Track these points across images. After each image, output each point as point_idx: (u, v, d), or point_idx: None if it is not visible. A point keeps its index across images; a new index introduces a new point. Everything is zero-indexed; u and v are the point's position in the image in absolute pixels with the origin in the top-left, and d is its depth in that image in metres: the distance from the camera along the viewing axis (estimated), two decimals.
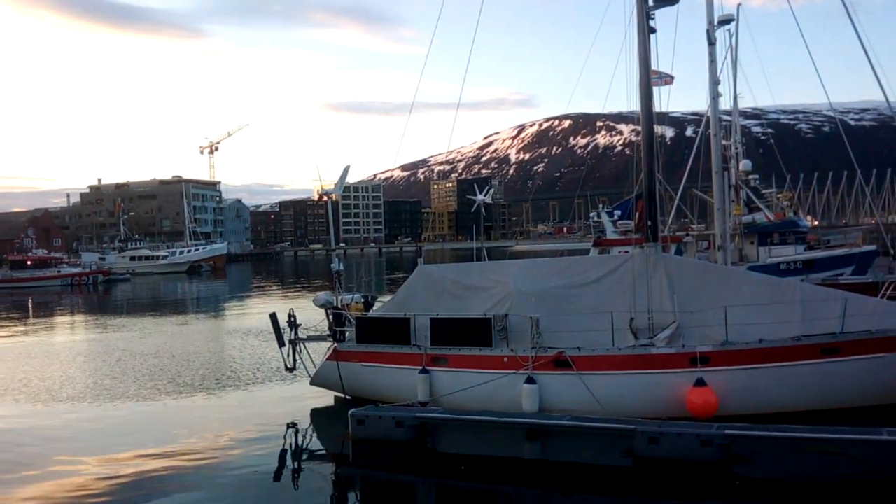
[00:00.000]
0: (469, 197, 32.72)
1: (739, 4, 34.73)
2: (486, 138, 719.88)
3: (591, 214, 41.44)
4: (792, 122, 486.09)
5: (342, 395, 17.94)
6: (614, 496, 11.99)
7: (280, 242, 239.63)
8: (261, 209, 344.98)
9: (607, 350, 14.72)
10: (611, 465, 12.83)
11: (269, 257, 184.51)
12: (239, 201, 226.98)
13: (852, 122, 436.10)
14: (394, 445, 13.87)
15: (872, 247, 39.74)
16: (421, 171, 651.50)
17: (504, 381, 14.89)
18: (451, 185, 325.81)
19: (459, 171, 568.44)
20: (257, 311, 43.94)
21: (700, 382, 13.68)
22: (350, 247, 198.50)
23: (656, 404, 14.07)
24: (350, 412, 14.50)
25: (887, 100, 16.78)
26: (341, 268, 19.43)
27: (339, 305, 18.12)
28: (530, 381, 14.57)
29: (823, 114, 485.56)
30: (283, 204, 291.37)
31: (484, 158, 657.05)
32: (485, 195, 26.51)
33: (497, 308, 16.35)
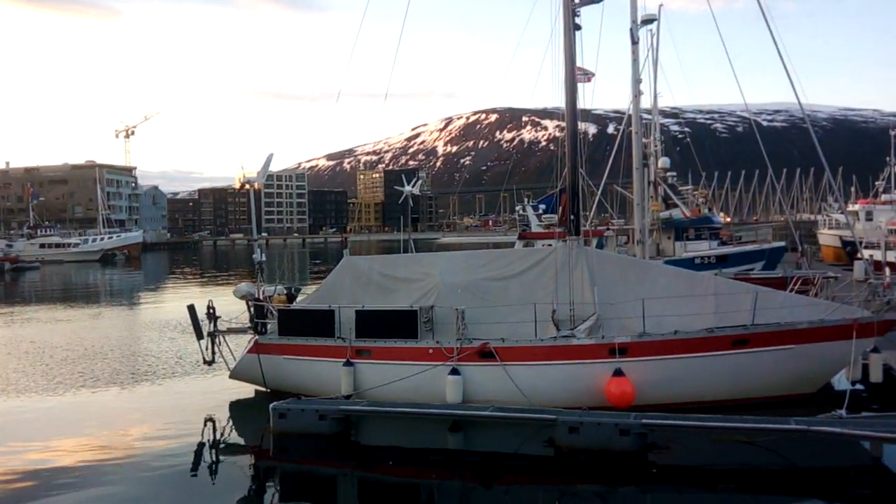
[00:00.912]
0: (397, 188, 32.67)
1: (661, 5, 35.70)
2: (413, 129, 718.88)
3: (517, 208, 41.97)
4: (708, 121, 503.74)
5: (263, 389, 17.61)
6: (536, 485, 12.20)
7: (199, 231, 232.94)
8: (179, 196, 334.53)
9: (530, 341, 14.94)
10: (533, 455, 13.08)
11: (188, 246, 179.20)
12: (156, 188, 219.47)
13: (765, 123, 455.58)
14: (317, 439, 13.75)
15: (782, 243, 41.68)
16: (347, 160, 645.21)
17: (429, 373, 14.93)
18: (378, 175, 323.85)
19: (387, 161, 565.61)
20: (175, 302, 42.64)
21: (618, 372, 14.05)
22: (273, 237, 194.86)
23: (577, 394, 14.37)
24: (271, 405, 14.28)
25: (800, 102, 17.52)
26: (263, 258, 19.05)
27: (261, 297, 17.76)
28: (455, 372, 14.66)
29: (738, 114, 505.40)
30: (202, 191, 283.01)
31: (412, 150, 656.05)
32: (413, 187, 26.50)
33: (423, 300, 16.38)
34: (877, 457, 12.31)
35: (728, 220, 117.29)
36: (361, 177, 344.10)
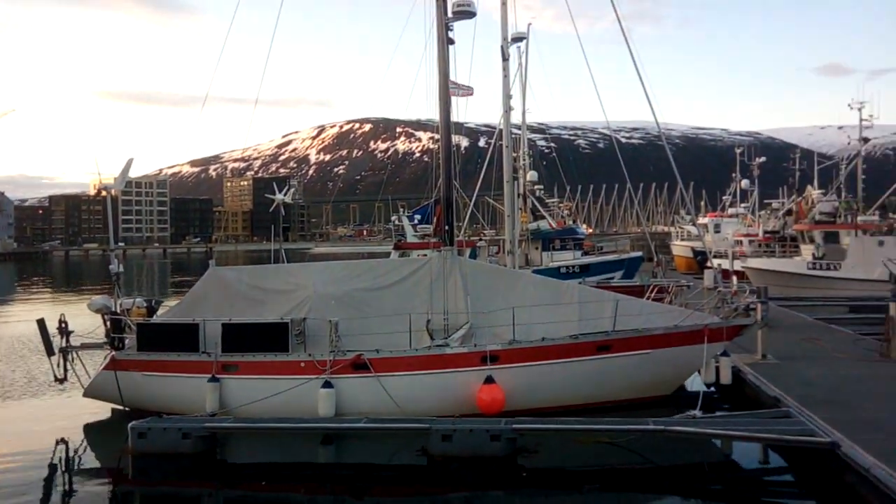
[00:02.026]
0: (267, 196, 31.69)
1: (530, 24, 36.93)
2: (284, 137, 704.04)
3: (392, 218, 42.02)
4: (572, 137, 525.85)
5: (120, 408, 16.57)
6: (408, 495, 12.21)
7: (49, 241, 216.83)
8: (27, 203, 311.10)
9: (404, 351, 14.95)
10: (406, 465, 13.07)
11: (37, 257, 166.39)
12: (1, 194, 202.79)
13: (623, 140, 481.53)
14: (180, 458, 13.08)
15: (639, 253, 43.98)
16: (213, 167, 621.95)
17: (301, 387, 14.58)
18: (246, 183, 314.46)
19: (256, 169, 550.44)
20: (23, 316, 39.42)
21: (489, 380, 14.32)
22: (131, 246, 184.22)
23: (450, 403, 14.52)
24: (130, 425, 13.46)
25: (656, 121, 18.66)
26: (120, 269, 17.95)
27: (118, 310, 16.74)
28: (327, 385, 14.40)
29: (599, 131, 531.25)
30: (53, 198, 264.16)
31: (282, 157, 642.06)
32: (284, 194, 25.80)
33: (295, 312, 15.99)
34: (727, 454, 13.22)
35: (590, 231, 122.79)
36: (229, 184, 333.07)
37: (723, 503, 11.87)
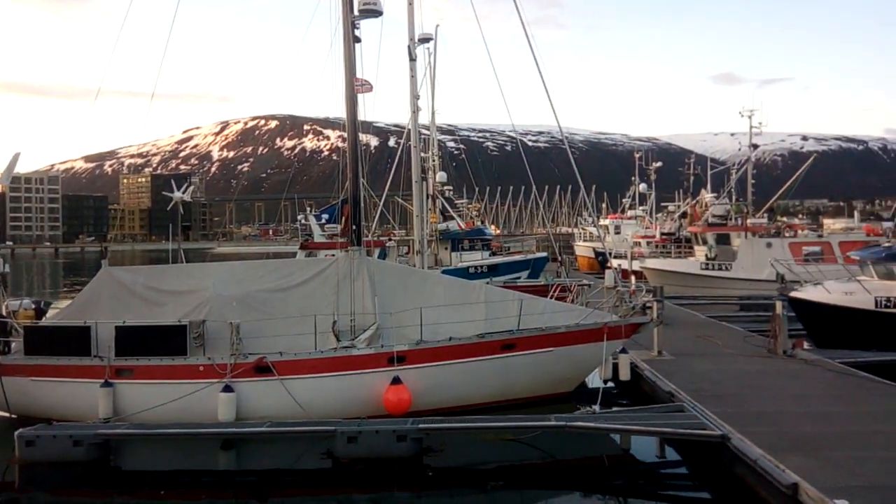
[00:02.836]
0: (165, 193, 30.49)
1: (438, 25, 37.10)
2: (185, 132, 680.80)
3: (299, 217, 41.27)
4: (481, 139, 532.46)
5: (6, 415, 15.57)
6: (312, 498, 12.03)
7: None
8: None
9: (309, 354, 14.70)
10: (311, 469, 12.87)
11: None
12: None
13: (530, 143, 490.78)
14: (71, 467, 12.46)
15: (544, 254, 44.99)
16: (109, 163, 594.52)
17: (201, 392, 14.11)
18: (144, 180, 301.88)
19: (154, 165, 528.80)
20: None
21: (396, 380, 14.27)
22: (19, 246, 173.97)
23: (357, 404, 14.38)
24: (17, 433, 12.72)
25: (558, 124, 19.07)
26: (6, 269, 16.93)
27: (4, 313, 15.74)
28: (228, 389, 13.99)
29: (507, 134, 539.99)
30: None
31: (183, 154, 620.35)
32: (183, 192, 24.88)
33: (194, 314, 15.42)
34: (626, 448, 13.67)
35: (498, 232, 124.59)
36: (125, 181, 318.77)
37: (622, 496, 12.19)
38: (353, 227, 16.42)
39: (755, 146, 44.49)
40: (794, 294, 21.64)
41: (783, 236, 40.26)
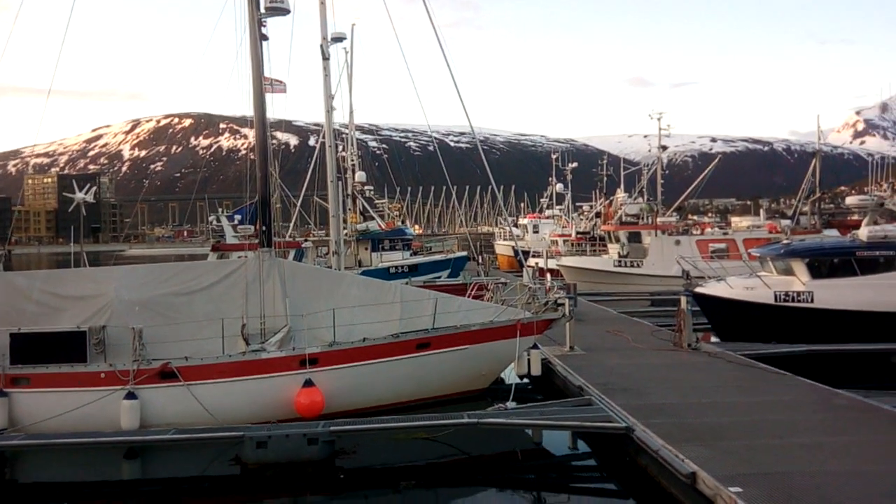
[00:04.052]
0: (66, 195, 29.17)
1: (354, 24, 36.94)
2: (94, 131, 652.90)
3: (210, 218, 40.23)
4: (403, 139, 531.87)
5: None
6: None
7: None
8: None
9: (217, 358, 14.32)
10: (219, 475, 12.56)
11: None
12: None
13: (452, 144, 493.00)
14: None
15: (464, 253, 45.31)
16: (13, 162, 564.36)
17: (103, 400, 13.55)
18: (50, 180, 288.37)
19: (61, 165, 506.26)
20: None
21: (308, 383, 14.07)
22: None
23: (267, 408, 14.10)
24: None
25: (470, 125, 19.23)
26: None
27: None
28: (131, 396, 13.49)
29: (429, 134, 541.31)
30: None
31: (92, 153, 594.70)
32: (85, 193, 23.84)
33: (94, 319, 14.80)
34: (538, 442, 13.89)
35: (420, 231, 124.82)
36: (30, 181, 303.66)
37: (534, 490, 12.38)
38: (263, 227, 16.09)
39: (664, 147, 46.10)
40: (698, 290, 22.49)
41: (691, 234, 41.88)
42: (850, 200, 31.56)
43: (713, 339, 22.67)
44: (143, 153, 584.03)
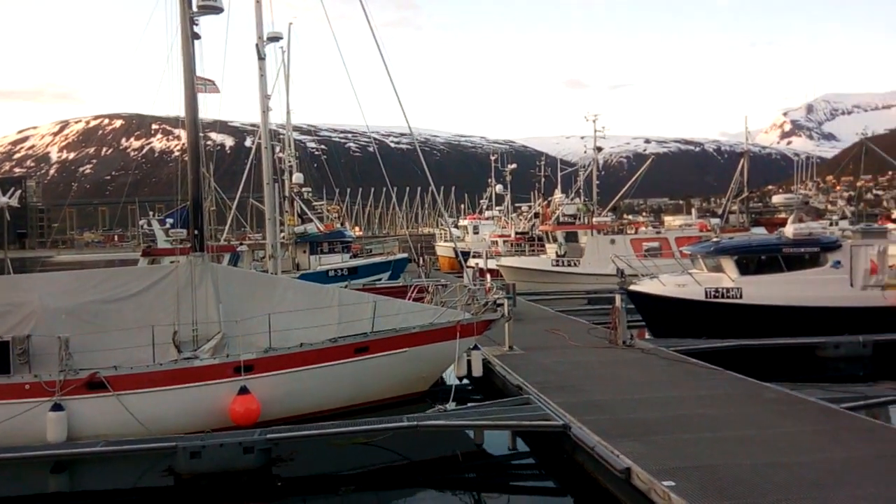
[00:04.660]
0: None
1: (291, 24, 36.42)
2: (20, 132, 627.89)
3: (140, 222, 39.11)
4: (342, 140, 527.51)
5: None
6: None
7: None
8: None
9: (147, 367, 13.90)
10: (151, 487, 12.20)
11: None
12: None
13: (392, 145, 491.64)
14: None
15: (405, 255, 45.23)
16: None
17: (28, 413, 12.99)
18: None
19: None
20: None
21: (243, 391, 13.78)
22: None
23: (201, 417, 13.75)
24: None
25: (410, 127, 19.21)
26: None
27: None
28: (57, 407, 12.98)
29: (368, 135, 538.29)
30: None
31: (17, 155, 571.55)
32: (10, 197, 22.83)
33: (18, 328, 14.18)
34: (479, 443, 13.90)
35: (360, 233, 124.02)
36: None
37: (475, 490, 12.42)
38: (196, 231, 15.70)
39: (600, 149, 46.97)
40: (632, 287, 22.96)
41: (626, 233, 42.80)
42: (777, 199, 32.84)
43: (647, 335, 23.23)
44: (71, 155, 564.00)
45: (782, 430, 11.21)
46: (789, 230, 23.00)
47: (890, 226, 35.33)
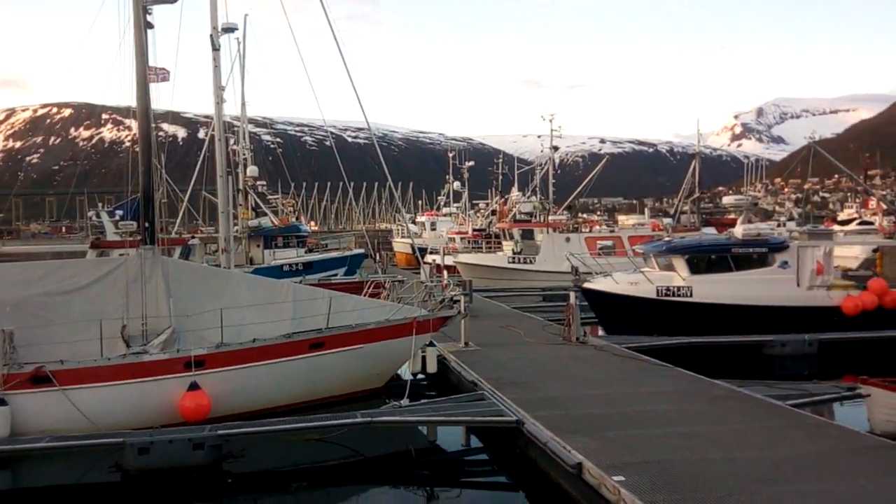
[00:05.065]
0: None
1: (246, 15, 35.87)
2: None
3: (89, 214, 38.11)
4: (299, 133, 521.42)
5: None
6: None
7: None
8: None
9: (95, 361, 13.58)
10: (97, 483, 11.94)
11: None
12: None
13: (350, 139, 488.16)
14: None
15: (361, 250, 45.00)
16: None
17: None
18: None
19: None
20: None
21: (194, 386, 13.55)
22: None
23: (150, 413, 13.49)
24: None
25: (367, 121, 19.12)
26: None
27: None
28: (0, 402, 12.59)
29: (325, 129, 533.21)
30: None
31: None
32: None
33: None
34: (432, 439, 13.94)
35: (315, 228, 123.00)
36: None
37: (428, 486, 12.42)
38: (146, 224, 15.37)
39: (556, 148, 47.43)
40: (586, 285, 23.27)
41: (581, 232, 43.31)
42: (727, 200, 33.57)
43: (600, 332, 23.53)
44: (18, 144, 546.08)
45: (730, 427, 11.45)
46: (738, 231, 23.53)
47: (836, 228, 36.44)
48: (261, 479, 12.35)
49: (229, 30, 22.93)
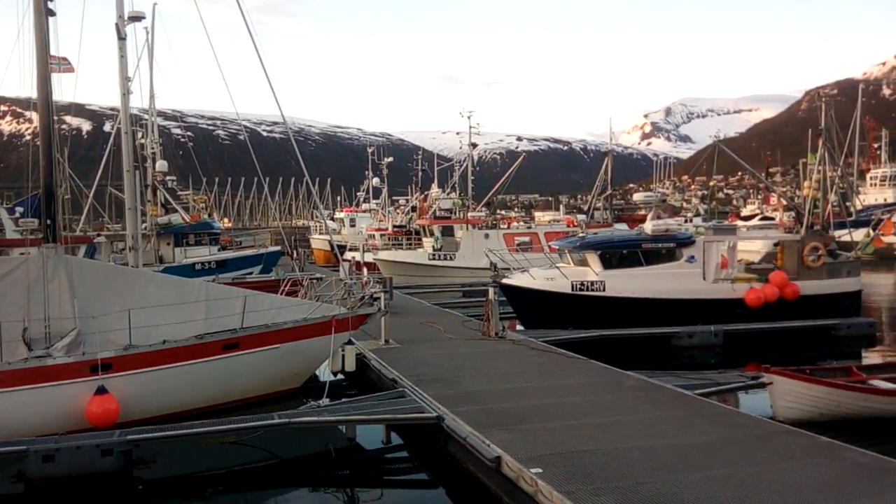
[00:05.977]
0: None
1: (155, 4, 34.68)
2: None
3: None
4: (211, 127, 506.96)
5: None
6: None
7: None
8: None
9: None
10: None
11: None
12: None
13: (264, 134, 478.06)
14: None
15: (278, 248, 44.20)
16: None
17: None
18: None
19: None
20: None
21: (101, 390, 13.01)
22: None
23: (56, 419, 12.85)
24: None
25: (283, 115, 18.74)
26: None
27: None
28: None
29: (239, 123, 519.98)
30: None
31: None
32: None
33: None
34: (352, 438, 13.84)
35: (229, 225, 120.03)
36: None
37: (348, 486, 12.32)
38: (48, 221, 14.62)
39: (475, 145, 47.87)
40: (504, 281, 23.58)
41: (499, 228, 43.89)
42: (637, 197, 34.55)
43: (518, 326, 23.92)
44: None
45: (641, 416, 11.83)
46: (648, 227, 24.33)
47: (739, 223, 38.23)
48: (174, 485, 11.98)
49: (136, 18, 22.05)
